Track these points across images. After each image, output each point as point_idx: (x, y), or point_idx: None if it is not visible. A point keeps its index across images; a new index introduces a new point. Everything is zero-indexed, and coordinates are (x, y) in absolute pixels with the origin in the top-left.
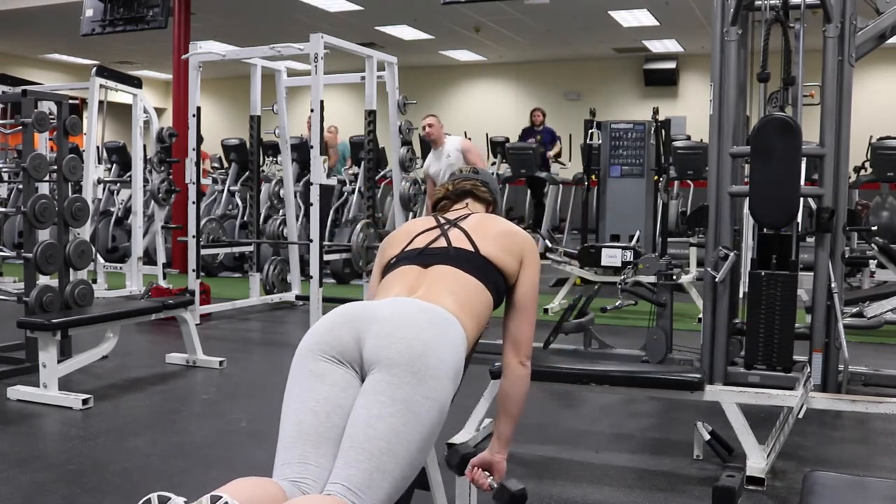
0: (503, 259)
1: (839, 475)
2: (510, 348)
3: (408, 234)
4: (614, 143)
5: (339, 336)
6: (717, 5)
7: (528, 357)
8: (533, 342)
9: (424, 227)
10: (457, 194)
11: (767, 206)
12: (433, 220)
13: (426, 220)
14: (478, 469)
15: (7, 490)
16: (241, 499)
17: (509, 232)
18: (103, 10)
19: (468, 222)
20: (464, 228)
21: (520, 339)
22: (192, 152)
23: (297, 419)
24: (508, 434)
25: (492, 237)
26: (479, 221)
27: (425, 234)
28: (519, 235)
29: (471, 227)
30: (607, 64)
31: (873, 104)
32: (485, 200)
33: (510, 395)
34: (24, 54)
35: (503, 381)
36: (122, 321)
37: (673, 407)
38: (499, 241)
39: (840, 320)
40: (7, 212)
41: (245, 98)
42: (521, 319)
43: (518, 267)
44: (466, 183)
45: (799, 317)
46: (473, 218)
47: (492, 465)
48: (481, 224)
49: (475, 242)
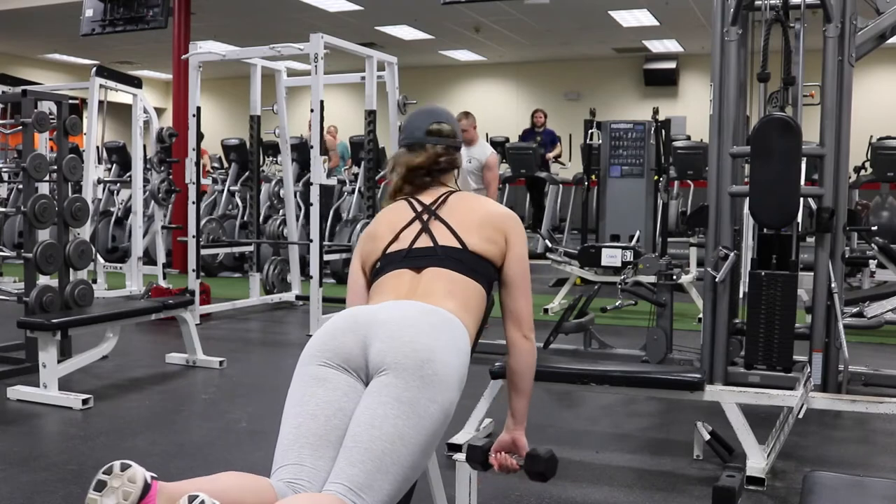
0: (490, 250)
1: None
2: (511, 324)
3: (389, 230)
4: (614, 143)
5: (343, 342)
6: (717, 5)
7: (531, 329)
8: (532, 315)
9: (403, 221)
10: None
11: (767, 206)
12: (409, 208)
13: (402, 210)
14: (501, 454)
15: (7, 490)
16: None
17: (490, 218)
18: (103, 10)
19: (447, 210)
20: (445, 221)
21: (519, 313)
22: (192, 152)
23: (297, 423)
24: (523, 410)
25: (475, 228)
26: (459, 208)
27: (406, 229)
28: (499, 218)
29: (452, 219)
30: (607, 64)
31: (873, 104)
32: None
33: (518, 370)
34: (24, 54)
35: (510, 359)
36: (122, 321)
37: (673, 407)
38: (483, 231)
39: (840, 320)
40: (7, 212)
41: (245, 98)
42: (517, 294)
43: (505, 248)
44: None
45: (799, 317)
46: (452, 202)
47: (514, 444)
48: (462, 212)
49: (461, 238)
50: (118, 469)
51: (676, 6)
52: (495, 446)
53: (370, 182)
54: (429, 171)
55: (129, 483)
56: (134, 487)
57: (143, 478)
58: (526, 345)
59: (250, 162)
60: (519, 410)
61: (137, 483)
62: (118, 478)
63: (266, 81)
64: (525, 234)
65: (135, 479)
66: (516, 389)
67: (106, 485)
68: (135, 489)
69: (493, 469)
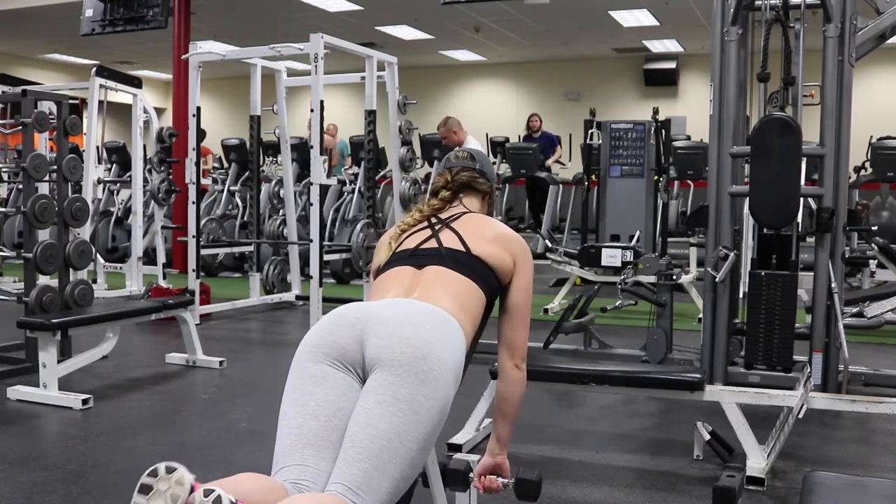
0: (495, 256)
1: (839, 475)
2: (505, 352)
3: (399, 234)
4: (614, 143)
5: (340, 338)
6: (717, 5)
7: (522, 360)
8: (527, 344)
9: (415, 228)
10: (456, 186)
11: (767, 206)
12: (424, 220)
13: (417, 219)
14: (485, 477)
15: (7, 490)
16: (237, 491)
17: (502, 235)
18: (103, 10)
19: (460, 223)
20: (455, 230)
21: (514, 343)
22: (192, 152)
23: (298, 423)
24: (507, 435)
25: (482, 237)
26: (472, 223)
27: (416, 234)
28: (512, 238)
29: (463, 229)
30: (607, 64)
31: (873, 104)
32: (481, 192)
33: (506, 398)
34: (24, 54)
35: (499, 384)
36: (122, 321)
37: (673, 407)
38: (491, 245)
39: (840, 320)
40: (7, 212)
41: (245, 98)
42: (515, 323)
43: (511, 267)
44: (464, 174)
45: (799, 317)
46: (466, 219)
47: (498, 467)
48: (474, 226)
49: (466, 242)
50: (164, 471)
51: (676, 6)
52: (479, 470)
53: (370, 182)
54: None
55: (178, 486)
56: (182, 490)
57: (190, 480)
58: (516, 374)
59: (250, 162)
60: (502, 436)
61: (185, 485)
62: (165, 480)
63: (266, 81)
64: (533, 263)
65: (183, 481)
66: (503, 415)
67: (152, 488)
68: (182, 492)
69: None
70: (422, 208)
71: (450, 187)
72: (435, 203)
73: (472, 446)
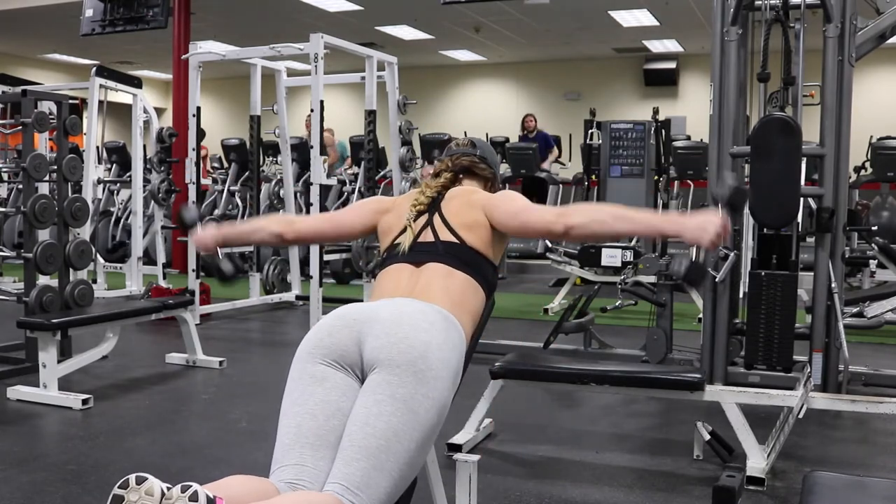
0: (487, 249)
1: (839, 475)
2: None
3: (398, 219)
4: (614, 143)
5: (339, 339)
6: (717, 5)
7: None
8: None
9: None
10: (456, 168)
11: (767, 206)
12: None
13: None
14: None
15: (7, 490)
16: (226, 495)
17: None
18: (103, 10)
19: (447, 205)
20: (444, 217)
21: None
22: (192, 152)
23: (296, 422)
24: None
25: (469, 226)
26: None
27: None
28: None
29: (450, 213)
30: (607, 64)
31: (873, 104)
32: (483, 177)
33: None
34: (24, 54)
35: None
36: (122, 321)
37: (673, 407)
38: (475, 231)
39: (840, 320)
40: (7, 212)
41: (245, 98)
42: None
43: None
44: (465, 159)
45: (799, 317)
46: (452, 195)
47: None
48: (459, 208)
49: (459, 234)
50: (134, 482)
51: (676, 6)
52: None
53: (370, 182)
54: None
55: (147, 496)
56: (152, 501)
57: (160, 490)
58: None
59: (250, 162)
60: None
61: (155, 496)
62: (135, 491)
63: (266, 81)
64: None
65: (152, 491)
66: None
67: (123, 499)
68: (153, 502)
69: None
70: (424, 190)
71: (451, 169)
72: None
73: (472, 446)
